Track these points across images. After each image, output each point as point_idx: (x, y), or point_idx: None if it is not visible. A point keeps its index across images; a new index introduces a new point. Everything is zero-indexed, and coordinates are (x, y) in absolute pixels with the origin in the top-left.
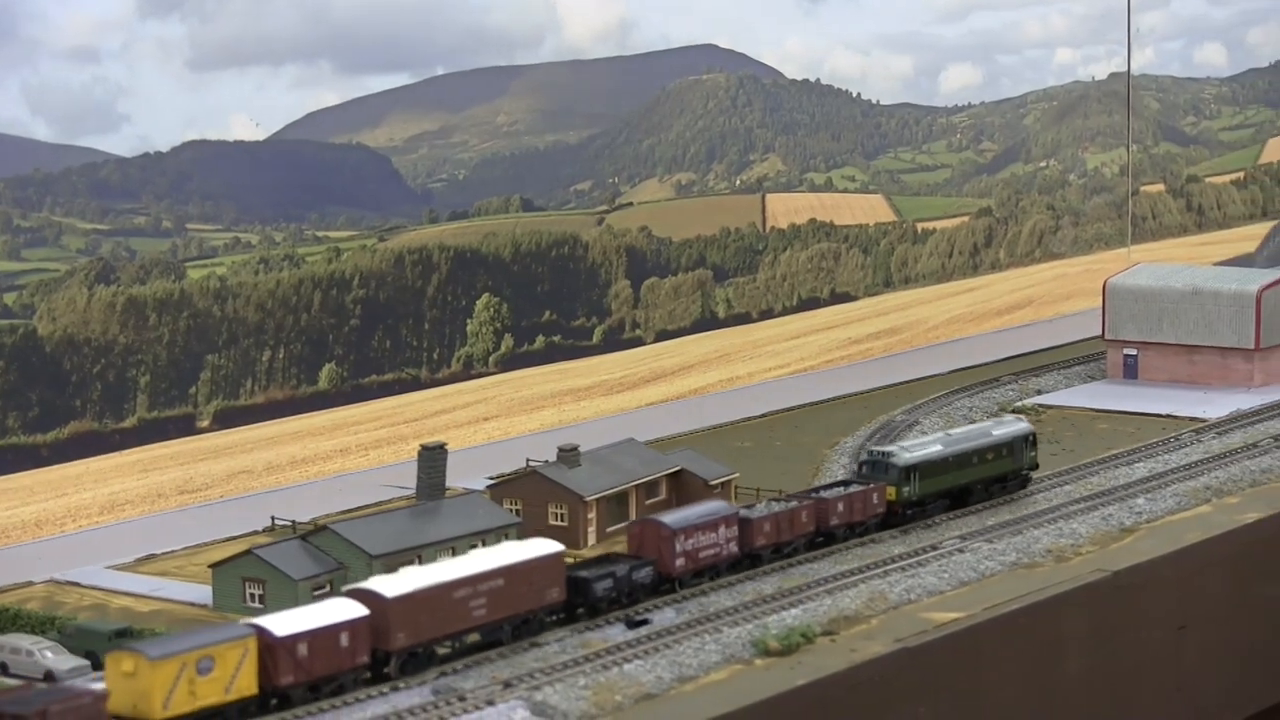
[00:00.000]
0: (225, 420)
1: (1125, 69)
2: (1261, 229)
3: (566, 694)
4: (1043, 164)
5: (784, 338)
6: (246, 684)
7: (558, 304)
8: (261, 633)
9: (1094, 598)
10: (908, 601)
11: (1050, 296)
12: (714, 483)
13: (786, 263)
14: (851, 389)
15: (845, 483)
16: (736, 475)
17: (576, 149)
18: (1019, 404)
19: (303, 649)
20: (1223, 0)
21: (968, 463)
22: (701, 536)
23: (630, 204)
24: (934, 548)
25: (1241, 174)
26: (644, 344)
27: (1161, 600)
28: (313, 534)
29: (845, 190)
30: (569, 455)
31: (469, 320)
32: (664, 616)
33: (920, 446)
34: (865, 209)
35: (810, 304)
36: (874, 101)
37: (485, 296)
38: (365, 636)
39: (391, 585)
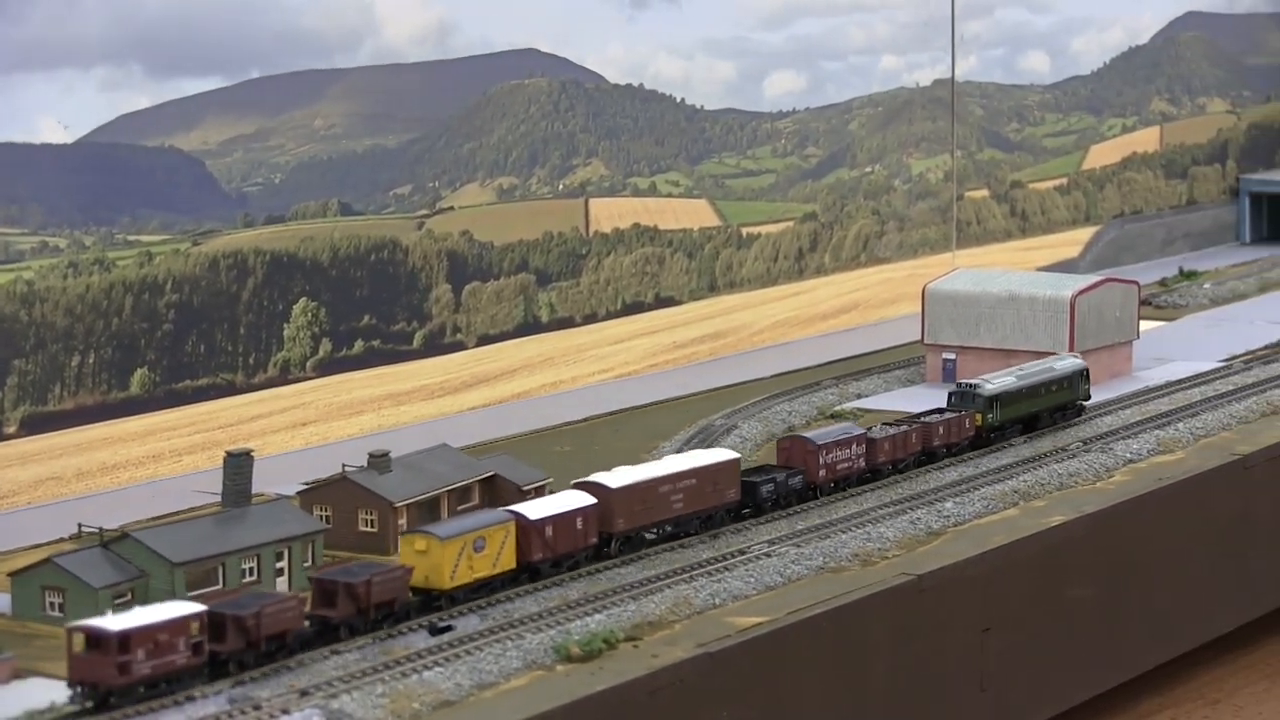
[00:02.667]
0: (33, 426)
1: (950, 76)
2: (1085, 234)
3: (364, 701)
4: (868, 169)
5: (607, 342)
6: (507, 560)
7: (377, 308)
8: (518, 517)
9: (899, 601)
10: (713, 606)
11: (875, 301)
12: (526, 488)
13: (610, 267)
14: (674, 393)
15: (940, 410)
16: (550, 480)
17: (396, 153)
18: (839, 407)
19: (549, 531)
20: (1045, 9)
21: (1037, 394)
22: (839, 452)
23: (451, 208)
24: (741, 552)
25: (1065, 180)
26: (465, 348)
27: (966, 603)
28: (114, 541)
29: (669, 195)
30: (379, 461)
31: (286, 325)
32: (468, 623)
33: (1000, 380)
34: (689, 213)
35: (634, 308)
36: (698, 106)
37: (303, 301)
38: (594, 521)
39: (614, 479)
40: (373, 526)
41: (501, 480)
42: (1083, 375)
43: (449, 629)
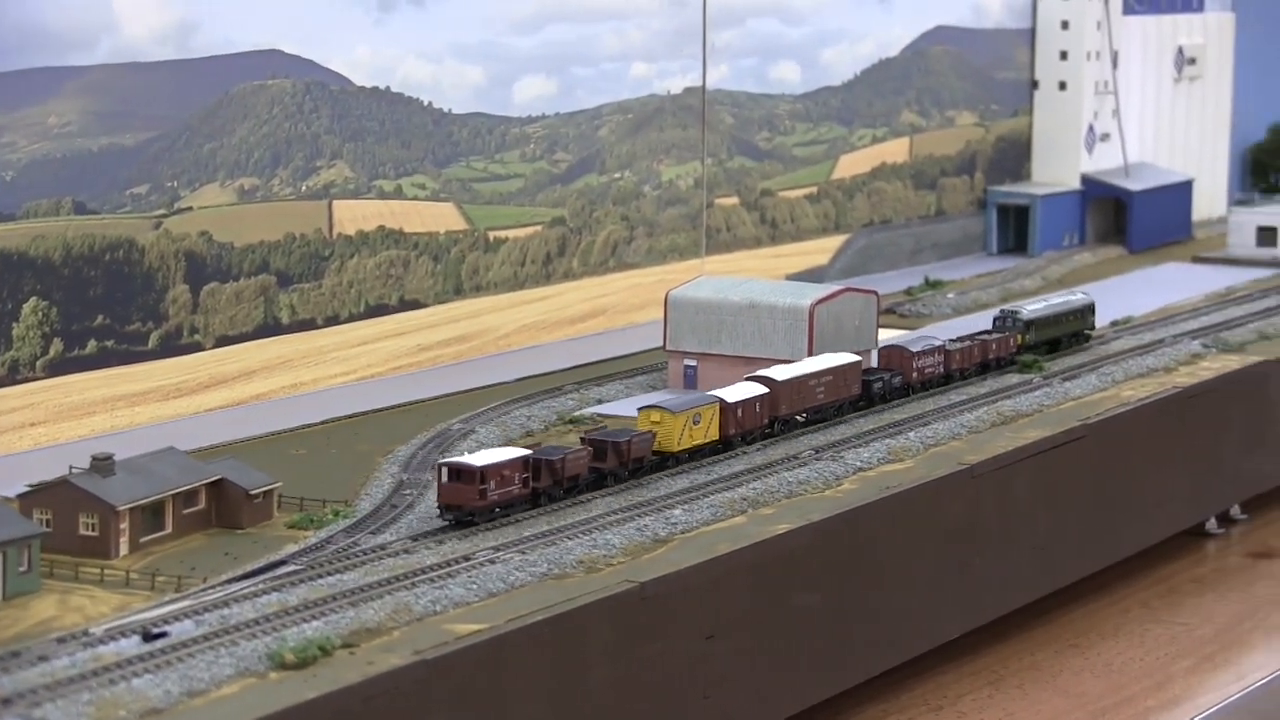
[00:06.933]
0: None
1: (701, 84)
2: (834, 242)
3: (68, 710)
4: (617, 175)
5: (350, 344)
6: (713, 432)
7: (111, 308)
8: (721, 401)
9: (621, 608)
10: (433, 613)
11: (623, 306)
12: (254, 492)
13: (354, 269)
14: (416, 396)
15: (987, 331)
16: (279, 485)
17: (133, 152)
18: (578, 413)
19: (740, 411)
20: (797, 20)
21: (1060, 321)
22: (928, 359)
23: (190, 209)
24: (466, 559)
25: (815, 189)
26: (203, 349)
27: (690, 610)
28: None
29: (415, 198)
30: (102, 464)
31: (15, 324)
32: (182, 628)
33: (1033, 307)
34: (436, 217)
35: (378, 310)
36: (446, 110)
37: (33, 300)
38: (767, 406)
39: (779, 373)
40: (94, 530)
41: (228, 484)
42: (1091, 309)
43: (163, 635)
